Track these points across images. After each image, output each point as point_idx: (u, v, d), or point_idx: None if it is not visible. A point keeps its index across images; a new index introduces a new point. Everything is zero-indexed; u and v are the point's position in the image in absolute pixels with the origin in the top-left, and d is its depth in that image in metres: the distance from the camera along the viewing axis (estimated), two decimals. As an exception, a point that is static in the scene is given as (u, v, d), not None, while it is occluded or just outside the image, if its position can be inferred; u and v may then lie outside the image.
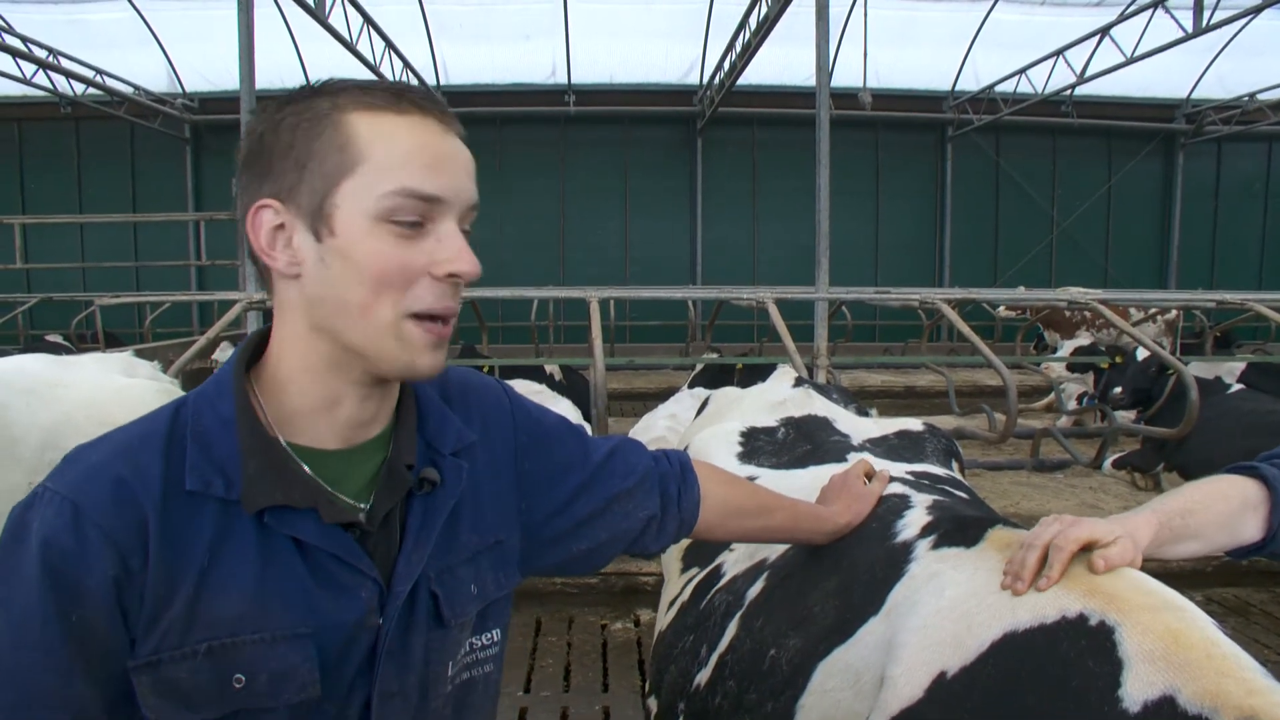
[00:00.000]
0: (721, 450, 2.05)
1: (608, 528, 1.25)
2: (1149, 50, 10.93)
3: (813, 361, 5.80)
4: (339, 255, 0.93)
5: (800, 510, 1.44)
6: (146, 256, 13.49)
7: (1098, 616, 0.96)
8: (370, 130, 0.93)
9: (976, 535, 1.21)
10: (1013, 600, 1.05)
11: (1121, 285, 14.17)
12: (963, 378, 9.51)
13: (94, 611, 0.88)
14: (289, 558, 0.95)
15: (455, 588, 1.06)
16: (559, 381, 7.45)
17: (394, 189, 0.92)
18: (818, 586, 1.37)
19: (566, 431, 1.27)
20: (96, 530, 0.88)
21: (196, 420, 0.96)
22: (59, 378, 2.46)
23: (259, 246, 0.95)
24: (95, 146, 14.70)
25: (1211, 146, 16.06)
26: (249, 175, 0.96)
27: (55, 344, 8.92)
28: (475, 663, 1.13)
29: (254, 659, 0.92)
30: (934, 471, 1.83)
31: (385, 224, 0.92)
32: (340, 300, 0.94)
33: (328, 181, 0.92)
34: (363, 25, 11.31)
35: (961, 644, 1.04)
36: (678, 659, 1.61)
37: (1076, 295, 7.46)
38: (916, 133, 15.74)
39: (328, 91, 0.96)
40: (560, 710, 3.52)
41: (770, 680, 1.30)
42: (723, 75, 12.95)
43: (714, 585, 1.68)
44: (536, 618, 4.34)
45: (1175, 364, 5.56)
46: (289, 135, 0.93)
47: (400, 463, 1.03)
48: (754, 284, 13.07)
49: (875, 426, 2.15)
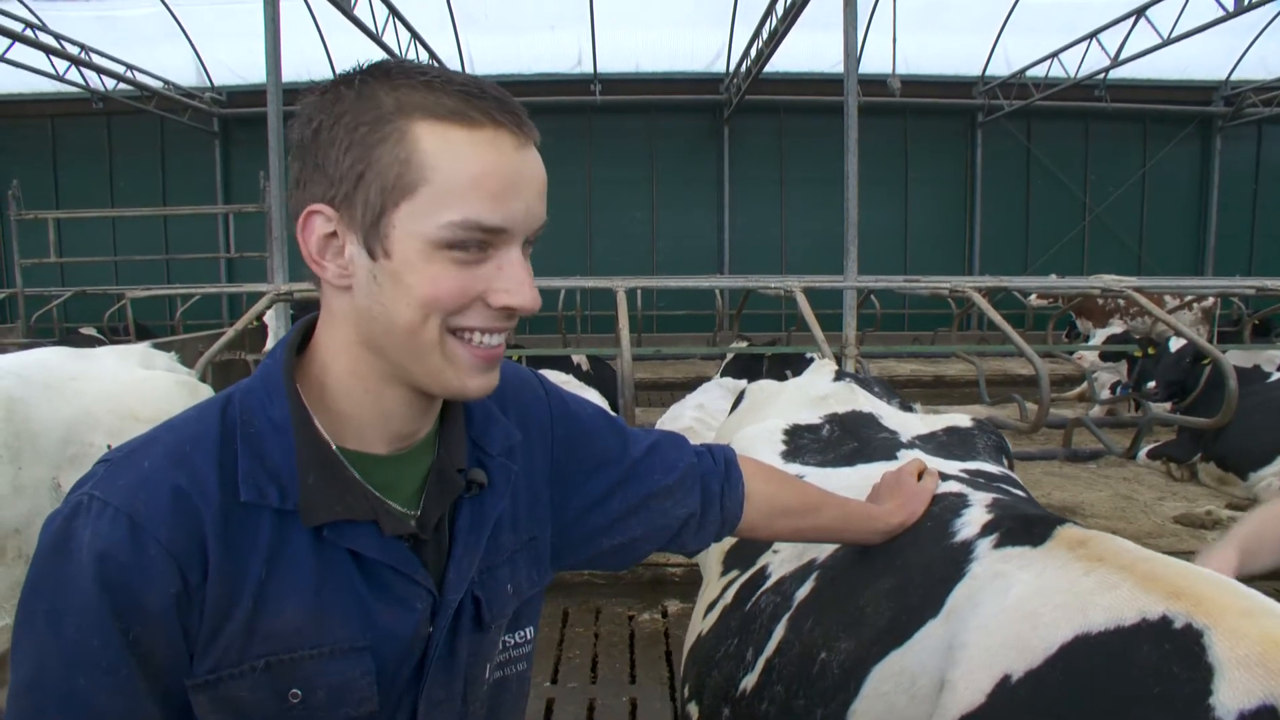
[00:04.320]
0: (765, 449, 2.00)
1: (643, 524, 1.22)
2: (1187, 31, 10.67)
3: (841, 351, 5.74)
4: (391, 277, 0.87)
5: (851, 509, 1.39)
6: (176, 249, 13.63)
7: (1184, 619, 0.88)
8: (435, 147, 0.85)
9: (1043, 534, 1.14)
10: (1084, 600, 0.98)
11: (1156, 272, 13.93)
12: (993, 367, 9.42)
13: (155, 629, 0.84)
14: (346, 570, 0.92)
15: (495, 589, 1.04)
16: (586, 371, 7.45)
17: (456, 220, 0.85)
18: (870, 587, 1.32)
19: (605, 425, 1.23)
20: (156, 545, 0.83)
21: (246, 422, 0.91)
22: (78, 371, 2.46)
23: (308, 254, 0.90)
24: (126, 141, 14.88)
25: (1251, 129, 15.69)
26: (301, 166, 0.89)
27: (89, 337, 9.05)
28: (509, 661, 1.11)
29: (312, 674, 0.89)
30: (988, 469, 1.78)
31: (444, 250, 0.86)
32: (389, 319, 0.88)
33: (386, 199, 0.86)
34: (388, 17, 11.33)
35: (1027, 646, 0.98)
36: (721, 663, 1.56)
37: (1110, 282, 7.32)
38: (946, 119, 15.53)
39: (394, 83, 0.87)
40: (587, 702, 3.50)
41: (820, 685, 1.25)
42: (749, 62, 12.84)
43: (759, 587, 1.63)
44: (564, 609, 4.34)
45: (1213, 352, 5.44)
46: (348, 135, 0.86)
47: (450, 466, 1.00)
48: (782, 273, 13.00)
49: (922, 422, 2.09)
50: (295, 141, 0.90)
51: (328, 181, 0.87)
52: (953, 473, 1.61)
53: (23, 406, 2.22)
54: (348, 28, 10.26)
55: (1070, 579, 1.03)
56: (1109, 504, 5.21)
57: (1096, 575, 1.01)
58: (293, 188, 0.90)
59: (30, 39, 10.54)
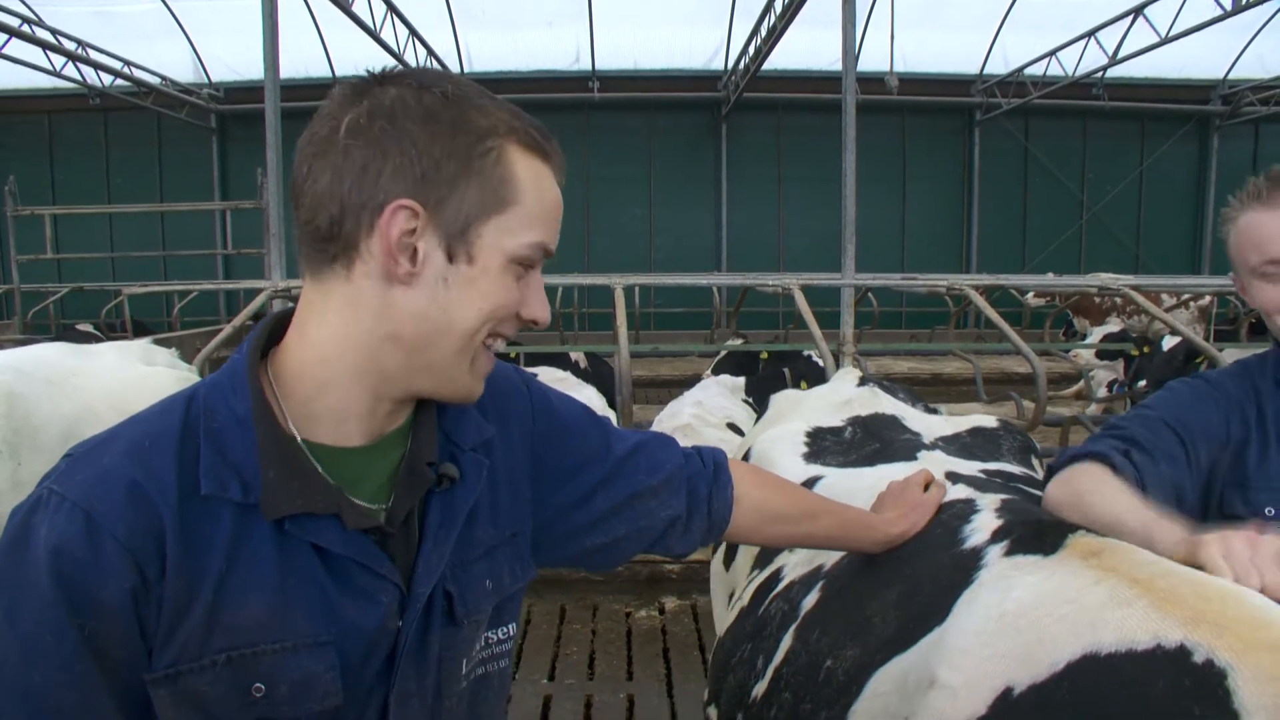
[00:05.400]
0: (786, 451, 1.98)
1: (627, 525, 1.21)
2: (1185, 29, 10.68)
3: (839, 348, 5.74)
4: (466, 282, 0.93)
5: (850, 517, 1.37)
6: (174, 246, 13.62)
7: (1204, 653, 0.80)
8: (527, 173, 0.94)
9: (1056, 541, 1.09)
10: (1093, 614, 0.91)
11: (1153, 271, 13.94)
12: (990, 365, 9.43)
13: (110, 624, 0.84)
14: (309, 563, 0.92)
15: (469, 585, 1.03)
16: (584, 369, 7.45)
17: (536, 241, 0.95)
18: (877, 597, 1.29)
19: (588, 423, 1.23)
20: (112, 540, 0.84)
21: (209, 417, 0.92)
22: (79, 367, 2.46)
23: (388, 247, 0.89)
24: (123, 137, 14.86)
25: (1248, 128, 15.71)
26: (373, 154, 0.89)
27: (86, 333, 9.03)
28: (490, 658, 1.11)
29: (274, 668, 0.90)
30: (1009, 470, 1.75)
31: (514, 265, 0.95)
32: (449, 320, 0.93)
33: (480, 210, 0.92)
34: (386, 13, 11.32)
35: (1031, 658, 0.93)
36: (735, 669, 1.56)
37: (1107, 281, 7.34)
38: (944, 117, 15.55)
39: (479, 103, 0.93)
40: (585, 698, 3.51)
41: (825, 690, 1.24)
42: (748, 60, 12.84)
43: (771, 590, 1.62)
44: (561, 605, 4.34)
45: (1209, 350, 5.45)
46: (448, 142, 0.90)
47: (421, 460, 1.00)
48: (780, 270, 13.00)
49: (947, 424, 2.06)
50: (364, 129, 0.89)
51: (420, 180, 0.89)
52: (969, 473, 1.60)
53: (23, 402, 2.22)
54: (346, 24, 10.25)
55: (1078, 587, 0.97)
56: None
57: (1108, 586, 0.95)
58: (355, 173, 0.89)
59: (27, 34, 10.52)
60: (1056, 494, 1.43)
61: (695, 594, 4.43)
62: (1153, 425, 1.52)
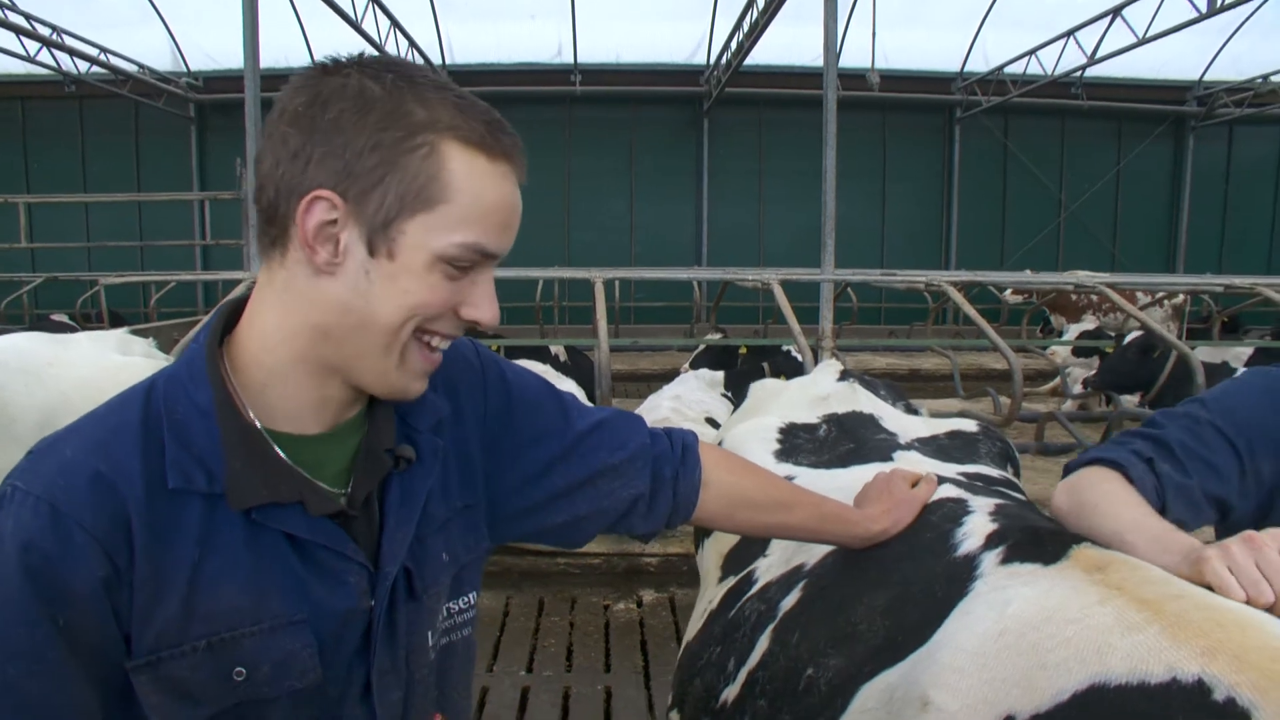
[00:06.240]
0: (758, 447, 1.92)
1: (589, 503, 1.20)
2: (1162, 31, 10.79)
3: (818, 343, 5.77)
4: (387, 277, 0.90)
5: (827, 510, 1.33)
6: (151, 236, 13.43)
7: (1224, 690, 0.75)
8: (463, 170, 0.90)
9: (1057, 551, 1.02)
10: (1101, 640, 0.85)
11: (1129, 269, 14.08)
12: (968, 361, 9.49)
13: (84, 614, 0.85)
14: (280, 549, 0.94)
15: (425, 559, 1.05)
16: (564, 362, 7.46)
17: (467, 242, 0.91)
18: (863, 602, 1.22)
19: (546, 397, 1.22)
20: (80, 530, 0.84)
21: (171, 409, 0.92)
22: (55, 356, 2.43)
23: (303, 236, 0.89)
24: (99, 125, 14.68)
25: (1222, 130, 15.90)
26: (305, 143, 0.88)
27: (60, 323, 8.94)
28: (454, 627, 1.12)
29: (254, 650, 0.91)
30: (987, 473, 1.69)
31: (442, 264, 0.91)
32: (369, 313, 0.91)
33: (404, 206, 0.89)
34: (368, 3, 11.25)
35: (1034, 686, 0.87)
36: (703, 672, 1.49)
37: (1083, 279, 7.42)
38: (924, 114, 15.63)
39: (422, 94, 0.90)
40: (563, 690, 3.53)
41: (806, 702, 1.17)
42: (730, 55, 12.86)
43: (744, 593, 1.55)
44: (539, 598, 4.35)
45: (1181, 348, 5.54)
46: (375, 135, 0.88)
47: (378, 446, 1.01)
48: (760, 265, 13.03)
49: (925, 425, 2.00)
50: (299, 114, 0.89)
51: (343, 171, 0.88)
52: (949, 475, 1.55)
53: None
54: (327, 14, 10.17)
55: (1082, 606, 0.91)
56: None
57: (1114, 608, 0.89)
58: (285, 157, 0.89)
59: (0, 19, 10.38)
60: (1061, 501, 1.36)
61: (673, 587, 4.45)
62: (1198, 429, 1.38)
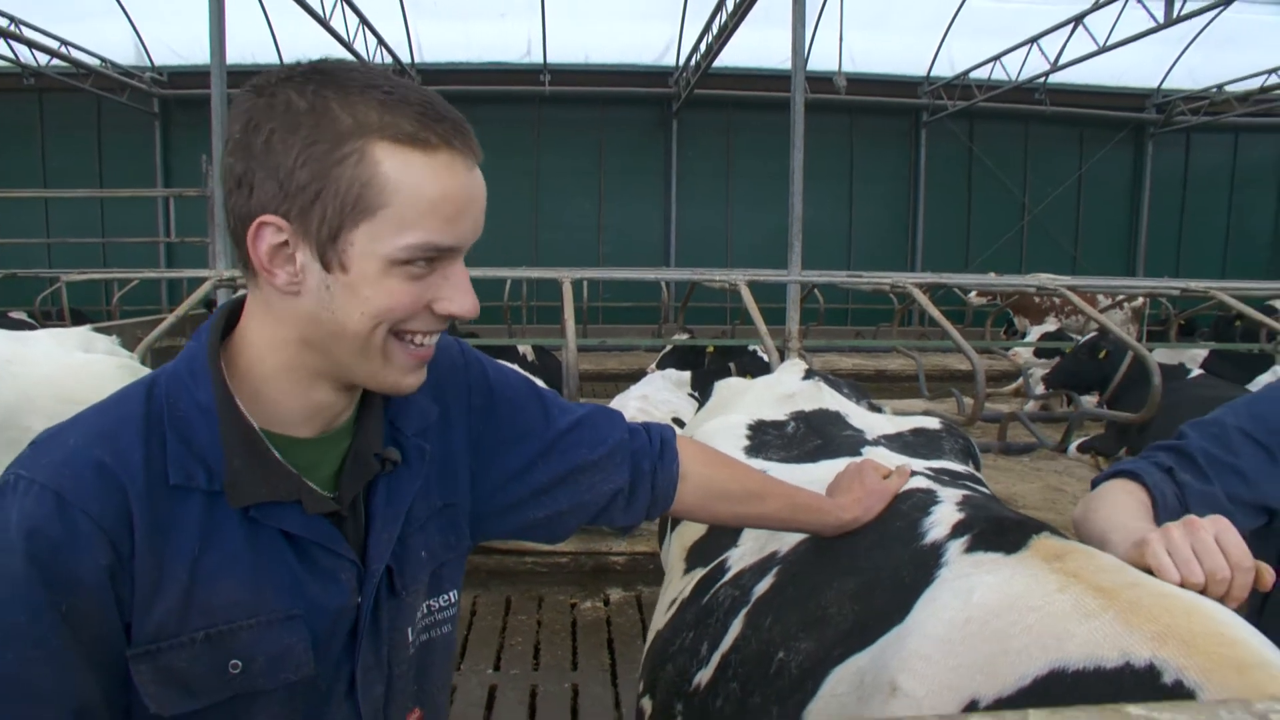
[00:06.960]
0: (728, 444, 1.95)
1: (569, 498, 1.23)
2: (1121, 40, 11.01)
3: (784, 344, 5.83)
4: (346, 289, 0.90)
5: (800, 500, 1.36)
6: (114, 232, 13.24)
7: (1173, 673, 0.80)
8: (396, 171, 0.88)
9: (1019, 540, 1.08)
10: (1057, 626, 0.90)
11: (1090, 272, 14.32)
12: (933, 362, 9.61)
13: (88, 600, 0.86)
14: (278, 546, 0.96)
15: (405, 557, 1.07)
16: (531, 362, 7.47)
17: (415, 243, 0.89)
18: (833, 587, 1.26)
19: (528, 396, 1.24)
20: (85, 518, 0.85)
21: (173, 406, 0.94)
22: (15, 354, 2.38)
23: (259, 262, 0.90)
24: (60, 120, 14.38)
25: (1180, 137, 16.22)
26: (246, 169, 0.89)
27: (19, 321, 8.78)
28: (433, 624, 1.15)
29: (250, 644, 0.93)
30: (953, 468, 1.74)
31: (400, 267, 0.90)
32: (339, 325, 0.92)
33: (344, 218, 0.88)
34: (336, 1, 11.15)
35: (997, 672, 0.91)
36: (675, 657, 1.51)
37: (1045, 281, 7.54)
38: (891, 118, 15.77)
39: (348, 97, 0.87)
40: (530, 688, 3.54)
41: (778, 683, 1.20)
42: (699, 57, 12.90)
43: (718, 581, 1.58)
44: (506, 596, 4.36)
45: (1139, 350, 5.65)
46: (304, 150, 0.86)
47: (367, 450, 1.04)
48: (727, 266, 13.09)
49: (889, 423, 2.05)
50: (238, 141, 0.89)
51: (281, 193, 0.88)
52: (918, 469, 1.59)
53: (-42, 389, 2.17)
54: (295, 11, 10.08)
55: (1043, 594, 0.95)
56: (1040, 495, 5.37)
57: (1072, 595, 0.94)
58: (233, 186, 0.90)
59: (-42, 11, 10.17)
60: (1077, 511, 1.40)
61: (640, 585, 4.48)
62: (1225, 437, 1.41)
